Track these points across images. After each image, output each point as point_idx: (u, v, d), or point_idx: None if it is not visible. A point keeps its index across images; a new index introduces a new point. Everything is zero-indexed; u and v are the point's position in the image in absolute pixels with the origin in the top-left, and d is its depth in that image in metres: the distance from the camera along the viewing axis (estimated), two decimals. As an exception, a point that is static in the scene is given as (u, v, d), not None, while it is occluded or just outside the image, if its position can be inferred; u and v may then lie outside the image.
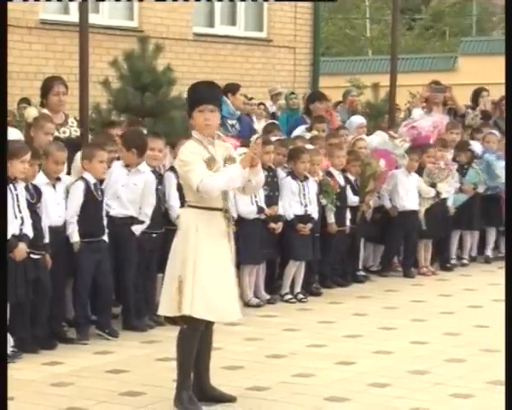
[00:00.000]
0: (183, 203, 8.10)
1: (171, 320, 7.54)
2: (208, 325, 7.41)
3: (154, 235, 9.65)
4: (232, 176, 7.17)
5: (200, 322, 7.25)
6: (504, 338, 5.32)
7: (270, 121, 14.88)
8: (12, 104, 12.43)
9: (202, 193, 7.13)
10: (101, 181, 9.83)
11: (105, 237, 9.75)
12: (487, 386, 8.10)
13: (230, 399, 7.49)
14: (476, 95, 17.63)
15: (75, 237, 9.49)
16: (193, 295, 7.16)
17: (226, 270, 7.33)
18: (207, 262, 7.19)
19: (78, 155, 10.04)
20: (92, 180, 9.64)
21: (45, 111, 10.85)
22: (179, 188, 8.93)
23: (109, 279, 9.73)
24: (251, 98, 16.15)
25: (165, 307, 7.42)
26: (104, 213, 9.79)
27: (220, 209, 7.30)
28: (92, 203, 9.62)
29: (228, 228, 7.35)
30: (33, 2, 15.81)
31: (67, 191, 9.61)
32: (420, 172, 13.65)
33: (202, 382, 7.51)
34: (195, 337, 7.32)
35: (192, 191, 7.24)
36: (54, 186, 9.43)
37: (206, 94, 7.46)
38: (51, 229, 9.24)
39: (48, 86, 11.12)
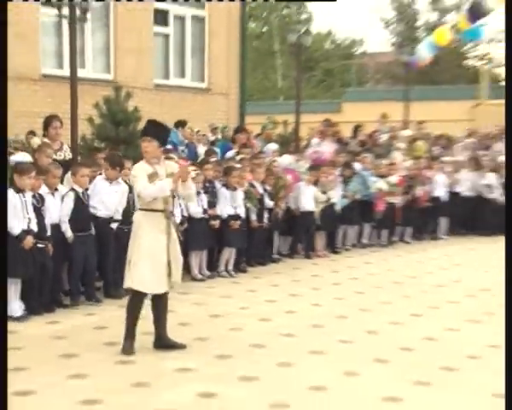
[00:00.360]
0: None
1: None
2: (163, 295, 7.51)
3: (126, 230, 9.70)
4: (162, 187, 7.28)
5: (139, 293, 7.43)
6: (504, 338, 5.04)
7: (210, 148, 14.93)
8: (21, 135, 12.38)
9: (142, 197, 7.36)
10: (86, 189, 9.87)
11: (91, 232, 9.76)
12: (365, 334, 8.26)
13: (181, 346, 7.62)
14: (355, 129, 17.82)
15: (69, 232, 9.50)
16: (133, 273, 7.36)
17: (159, 256, 7.34)
18: (145, 250, 7.32)
19: (67, 176, 10.12)
20: (80, 190, 9.67)
21: (46, 140, 10.87)
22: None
23: (94, 262, 9.74)
24: (198, 131, 16.23)
25: (124, 281, 7.59)
26: (90, 214, 9.79)
27: (161, 211, 7.38)
28: (81, 207, 9.64)
29: (167, 225, 7.41)
30: (32, 2, 15.66)
31: (63, 198, 9.64)
32: (316, 183, 13.77)
33: (162, 335, 7.62)
34: (138, 303, 7.50)
35: (139, 198, 7.49)
36: (53, 194, 9.44)
37: (145, 129, 7.67)
38: (52, 226, 9.25)
39: (48, 122, 11.11)
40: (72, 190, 9.68)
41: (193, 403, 6.10)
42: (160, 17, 18.55)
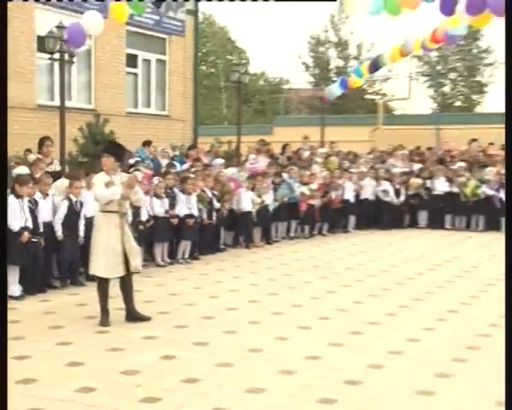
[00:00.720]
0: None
1: None
2: (127, 278, 7.42)
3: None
4: (114, 192, 7.26)
5: (100, 277, 7.38)
6: (505, 339, 4.81)
7: (170, 162, 14.77)
8: (21, 152, 12.15)
9: (98, 200, 7.39)
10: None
11: (80, 233, 9.48)
12: (292, 307, 8.19)
13: (147, 318, 7.48)
14: (284, 147, 17.83)
15: (60, 233, 9.28)
16: (94, 262, 7.37)
17: (114, 247, 7.26)
18: (102, 243, 7.28)
19: (59, 181, 9.87)
20: (74, 199, 9.44)
21: (40, 156, 10.64)
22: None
23: (78, 254, 9.48)
24: (163, 149, 16.07)
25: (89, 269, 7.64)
26: (79, 218, 9.52)
27: (116, 212, 7.33)
28: (73, 213, 9.41)
29: (121, 223, 7.34)
30: (32, 2, 15.28)
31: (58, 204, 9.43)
32: (253, 189, 13.69)
33: (131, 310, 7.50)
34: (102, 285, 7.43)
35: (97, 201, 7.47)
36: (45, 199, 9.22)
37: (105, 147, 7.77)
38: (44, 224, 9.04)
39: (42, 142, 10.95)
40: (67, 198, 9.43)
41: (156, 364, 5.97)
42: (131, 60, 18.45)
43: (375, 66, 17.15)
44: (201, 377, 5.60)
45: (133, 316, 7.45)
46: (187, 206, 11.72)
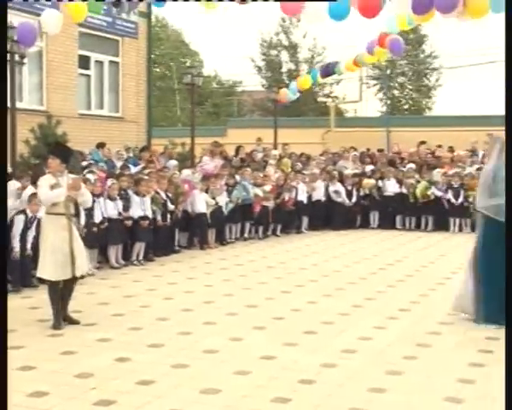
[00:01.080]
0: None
1: None
2: (69, 281, 7.31)
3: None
4: (58, 194, 7.19)
5: (50, 280, 7.27)
6: (505, 339, 4.77)
7: (124, 163, 14.65)
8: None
9: (42, 201, 7.38)
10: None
11: (28, 245, 9.32)
12: (247, 307, 8.18)
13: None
14: (237, 149, 17.85)
15: (18, 250, 9.17)
16: (42, 265, 7.27)
17: (62, 249, 7.15)
18: (50, 246, 7.17)
19: (10, 183, 9.67)
20: (30, 214, 9.31)
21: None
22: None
23: (29, 256, 9.29)
24: (118, 151, 15.93)
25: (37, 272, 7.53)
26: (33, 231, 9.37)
27: (63, 214, 7.24)
28: (27, 227, 9.30)
29: (68, 225, 7.25)
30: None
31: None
32: (207, 191, 13.67)
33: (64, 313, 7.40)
34: (52, 287, 7.32)
35: (42, 203, 7.50)
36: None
37: (51, 149, 7.74)
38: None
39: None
40: (23, 212, 9.28)
41: (111, 366, 5.90)
42: (83, 61, 18.21)
43: (328, 72, 17.36)
44: (156, 378, 5.56)
45: (65, 319, 7.34)
46: (141, 208, 11.63)
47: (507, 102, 5.42)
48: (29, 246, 9.25)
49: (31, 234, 9.29)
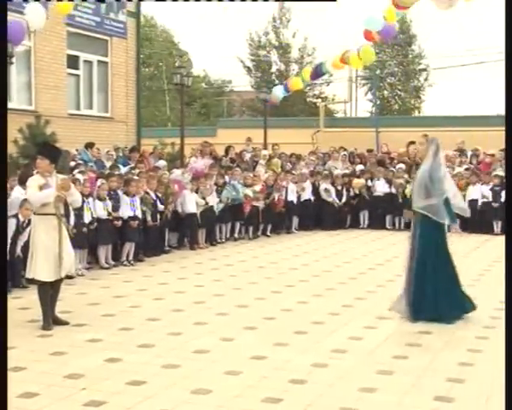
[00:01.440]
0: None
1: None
2: (55, 282, 7.30)
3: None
4: (47, 195, 7.17)
5: (40, 281, 7.23)
6: (505, 339, 4.58)
7: (114, 163, 14.63)
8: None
9: (31, 202, 7.34)
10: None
11: (18, 248, 9.31)
12: (237, 308, 8.18)
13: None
14: (227, 149, 17.86)
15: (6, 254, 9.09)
16: (32, 266, 7.21)
17: (52, 250, 7.14)
18: (40, 246, 7.14)
19: None
20: (22, 219, 9.27)
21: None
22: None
23: (19, 256, 9.27)
24: (108, 151, 15.91)
25: (27, 272, 7.45)
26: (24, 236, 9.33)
27: (53, 214, 7.21)
28: (20, 231, 9.30)
29: (58, 225, 7.22)
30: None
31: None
32: (197, 191, 13.66)
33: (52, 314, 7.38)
34: (42, 288, 7.29)
35: (31, 204, 7.41)
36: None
37: (39, 150, 7.68)
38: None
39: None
40: (15, 216, 9.23)
41: (101, 367, 5.89)
42: (72, 61, 18.14)
43: (317, 74, 17.38)
44: (147, 379, 5.56)
45: (53, 320, 7.31)
46: (130, 208, 11.61)
47: (507, 102, 5.39)
48: (19, 249, 9.21)
49: (22, 238, 9.24)
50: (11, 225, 9.15)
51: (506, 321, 4.83)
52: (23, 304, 8.33)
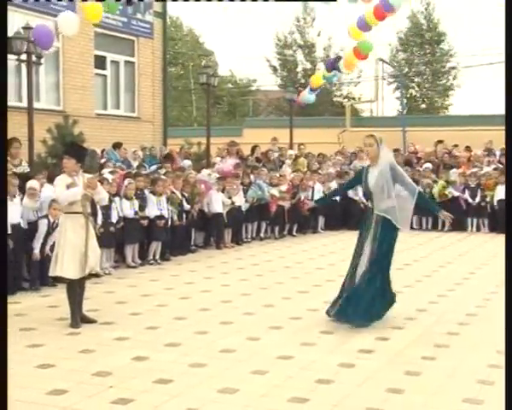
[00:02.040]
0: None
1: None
2: (80, 280, 7.37)
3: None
4: (74, 193, 7.25)
5: (69, 279, 7.30)
6: (504, 338, 4.65)
7: (141, 163, 14.75)
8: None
9: (59, 201, 7.44)
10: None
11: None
12: (264, 307, 8.20)
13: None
14: (253, 149, 17.88)
15: (37, 252, 9.27)
16: (60, 264, 7.25)
17: (79, 248, 7.21)
18: (69, 244, 7.21)
19: (28, 183, 9.74)
20: (51, 219, 9.35)
21: (7, 157, 10.53)
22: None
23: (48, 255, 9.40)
24: (135, 151, 16.06)
25: (51, 270, 7.51)
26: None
27: (80, 213, 7.30)
28: (50, 231, 9.35)
29: (85, 224, 7.30)
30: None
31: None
32: (223, 191, 13.70)
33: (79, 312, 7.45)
34: (70, 286, 7.36)
35: (59, 203, 7.52)
36: (12, 200, 9.10)
37: (66, 150, 7.77)
38: (12, 225, 8.88)
39: (9, 143, 10.79)
40: (46, 217, 9.35)
41: (128, 365, 5.93)
42: (99, 62, 18.31)
43: (333, 65, 17.18)
44: (174, 377, 5.58)
45: (81, 318, 7.38)
46: (157, 207, 11.68)
47: (507, 102, 5.33)
48: (48, 248, 9.31)
49: (52, 238, 9.34)
50: (42, 225, 9.28)
51: (506, 321, 4.79)
52: (52, 302, 8.43)
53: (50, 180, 9.60)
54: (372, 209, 7.42)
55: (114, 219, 10.84)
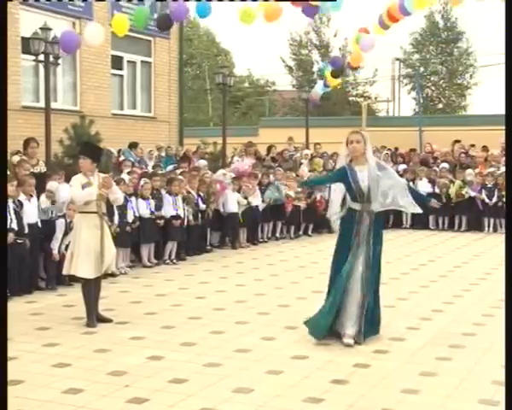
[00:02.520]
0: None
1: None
2: (96, 279, 7.41)
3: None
4: (90, 193, 7.28)
5: (85, 278, 7.33)
6: (505, 338, 4.64)
7: (157, 163, 14.80)
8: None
9: (75, 201, 7.42)
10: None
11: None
12: (279, 307, 8.18)
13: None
14: (268, 149, 17.89)
15: (56, 252, 9.29)
16: (75, 263, 7.29)
17: (94, 247, 7.24)
18: (84, 243, 7.24)
19: (49, 184, 9.77)
20: (68, 220, 9.36)
21: (24, 157, 10.60)
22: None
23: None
24: (151, 150, 16.11)
25: (64, 269, 7.56)
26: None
27: (95, 212, 7.33)
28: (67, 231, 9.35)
29: (100, 223, 7.34)
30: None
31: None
32: (239, 191, 13.72)
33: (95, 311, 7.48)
34: (86, 286, 7.39)
35: (75, 202, 7.52)
36: (29, 200, 9.16)
37: (81, 149, 7.82)
38: (29, 225, 8.97)
39: (27, 143, 10.92)
40: (63, 217, 9.39)
41: (144, 365, 5.95)
42: (116, 62, 18.38)
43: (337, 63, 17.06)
44: (189, 377, 5.59)
45: (97, 317, 7.41)
46: (173, 206, 11.70)
47: (507, 102, 5.29)
48: (63, 247, 9.36)
49: (68, 238, 9.39)
50: (60, 225, 9.32)
51: (506, 321, 4.77)
52: (67, 301, 8.48)
53: (68, 180, 9.66)
54: (361, 211, 6.74)
55: (130, 218, 10.88)
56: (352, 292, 6.69)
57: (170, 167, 14.34)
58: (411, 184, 16.92)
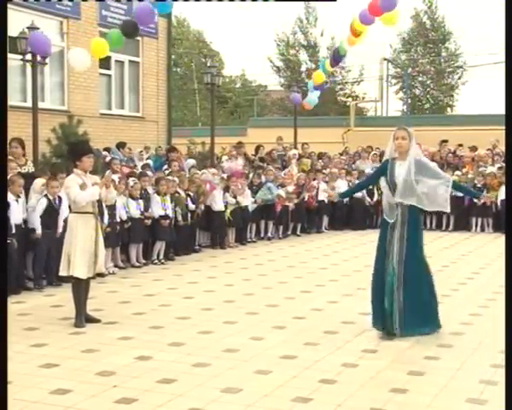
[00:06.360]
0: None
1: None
2: (87, 279, 7.40)
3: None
4: (93, 193, 7.31)
5: (77, 278, 7.31)
6: (504, 337, 4.64)
7: (146, 163, 14.76)
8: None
9: (77, 202, 7.27)
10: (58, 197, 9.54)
11: (59, 229, 9.38)
12: (267, 307, 8.19)
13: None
14: (257, 149, 17.89)
15: (39, 231, 9.25)
16: (71, 263, 7.26)
17: (89, 248, 7.24)
18: (79, 244, 7.22)
19: (35, 181, 9.73)
20: (51, 197, 9.41)
21: (11, 157, 10.51)
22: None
23: (54, 253, 9.36)
24: (141, 151, 16.06)
25: (61, 270, 7.46)
26: (58, 215, 9.49)
27: (91, 213, 7.33)
28: (51, 210, 9.40)
29: (95, 224, 7.35)
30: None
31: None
32: (227, 190, 13.72)
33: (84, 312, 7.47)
34: (77, 286, 7.37)
35: (72, 203, 7.40)
36: (17, 201, 9.11)
37: (88, 148, 7.72)
38: (16, 225, 8.93)
39: (10, 143, 10.82)
40: (45, 196, 9.40)
41: (132, 365, 5.93)
42: (104, 61, 18.23)
43: (336, 57, 17.11)
44: (177, 377, 5.58)
45: (85, 317, 7.38)
46: (161, 206, 11.68)
47: (507, 102, 5.34)
48: (60, 230, 9.34)
49: (60, 218, 9.46)
50: (41, 204, 9.35)
51: (506, 321, 4.78)
52: (55, 302, 8.45)
53: (54, 177, 9.65)
54: (396, 203, 6.94)
55: (119, 218, 10.84)
56: (388, 287, 6.93)
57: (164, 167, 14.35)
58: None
